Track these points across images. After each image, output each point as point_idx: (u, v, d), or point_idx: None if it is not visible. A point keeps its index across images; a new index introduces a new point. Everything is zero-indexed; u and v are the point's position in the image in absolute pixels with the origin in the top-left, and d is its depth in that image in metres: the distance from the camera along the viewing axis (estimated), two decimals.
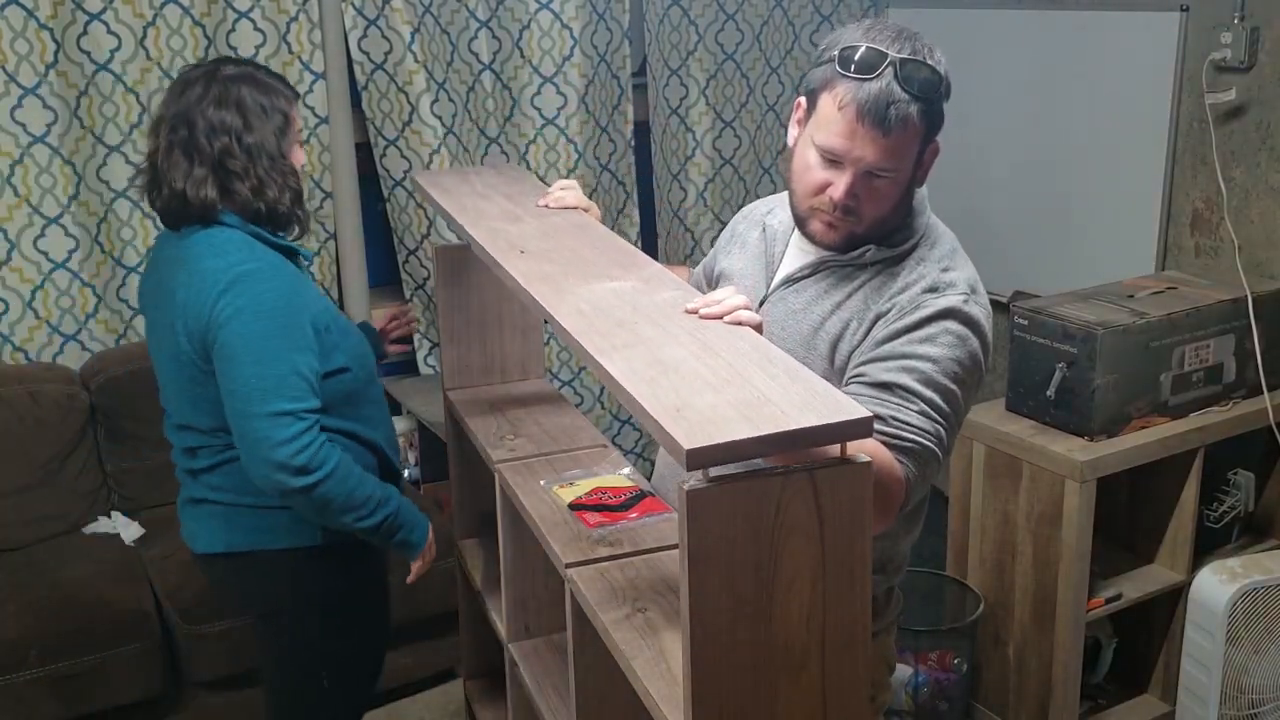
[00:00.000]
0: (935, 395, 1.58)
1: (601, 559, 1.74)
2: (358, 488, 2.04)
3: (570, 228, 1.96)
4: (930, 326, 1.62)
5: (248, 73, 2.07)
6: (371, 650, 2.35)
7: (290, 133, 2.07)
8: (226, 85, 2.02)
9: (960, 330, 1.62)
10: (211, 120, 2.00)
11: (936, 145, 1.71)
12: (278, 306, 1.97)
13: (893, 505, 1.52)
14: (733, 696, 1.30)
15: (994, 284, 3.86)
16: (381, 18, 3.40)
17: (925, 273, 1.68)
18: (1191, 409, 2.80)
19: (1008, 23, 3.73)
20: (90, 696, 2.70)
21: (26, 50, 3.04)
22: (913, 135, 1.64)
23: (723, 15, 3.99)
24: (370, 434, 2.17)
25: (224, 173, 2.01)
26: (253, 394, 1.94)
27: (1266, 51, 3.02)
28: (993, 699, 2.93)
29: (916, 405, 1.57)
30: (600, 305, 1.57)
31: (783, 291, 1.77)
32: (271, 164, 2.03)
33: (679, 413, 1.25)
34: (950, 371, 1.60)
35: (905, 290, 1.66)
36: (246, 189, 2.01)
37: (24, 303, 3.17)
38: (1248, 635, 2.53)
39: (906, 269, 1.69)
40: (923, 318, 1.62)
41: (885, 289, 1.68)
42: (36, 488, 3.03)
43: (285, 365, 1.96)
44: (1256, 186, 3.11)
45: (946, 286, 1.66)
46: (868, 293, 1.69)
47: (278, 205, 2.04)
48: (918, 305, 1.64)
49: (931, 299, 1.64)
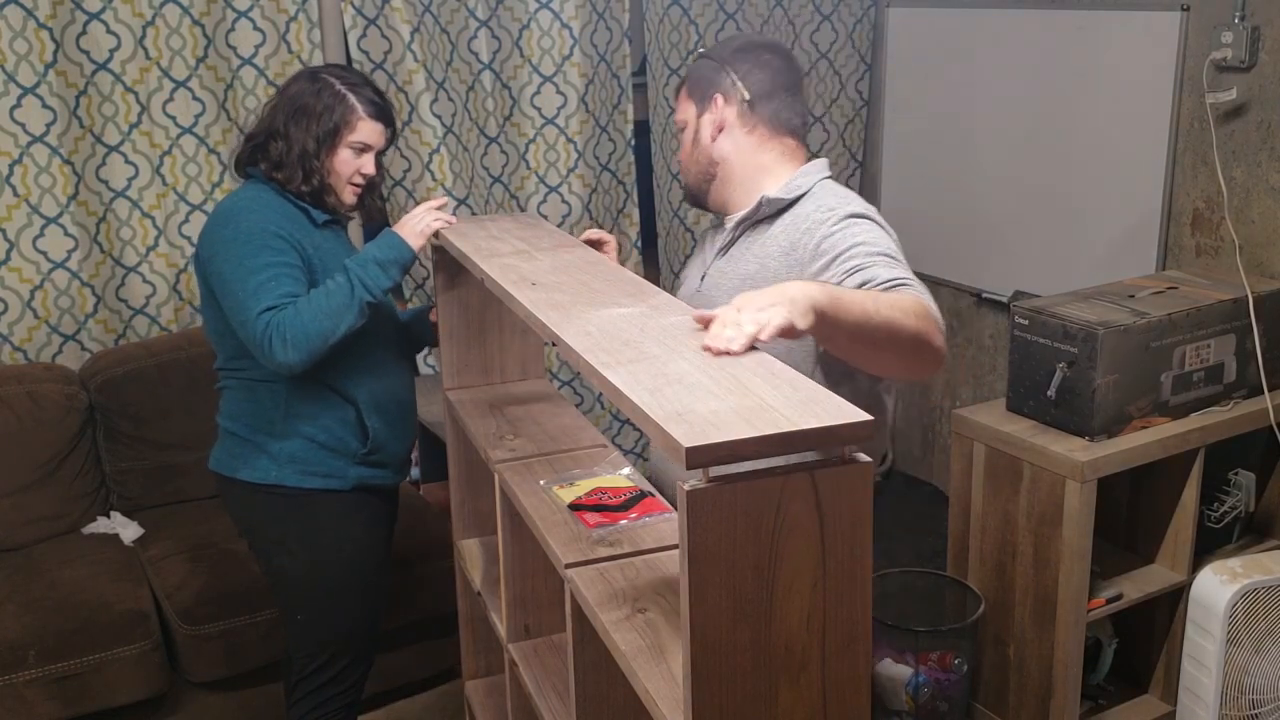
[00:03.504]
0: (885, 255, 1.80)
1: (601, 559, 1.74)
2: (315, 316, 2.19)
3: (582, 263, 1.99)
4: (846, 228, 1.85)
5: (335, 76, 2.37)
6: (341, 595, 2.42)
7: (338, 139, 2.33)
8: (312, 79, 2.36)
9: (866, 222, 1.87)
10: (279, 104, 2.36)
11: (716, 106, 2.00)
12: (254, 228, 2.24)
13: (940, 337, 1.69)
14: (733, 697, 1.30)
15: (994, 284, 3.92)
16: (381, 17, 3.40)
17: (822, 202, 1.93)
18: (1192, 409, 2.80)
19: (1008, 23, 3.73)
20: (90, 696, 2.70)
21: (26, 50, 3.04)
22: (681, 95, 2.06)
23: (723, 15, 3.99)
24: (350, 390, 2.35)
25: (262, 149, 2.35)
26: (239, 304, 2.20)
27: (1267, 51, 3.02)
28: (993, 699, 2.92)
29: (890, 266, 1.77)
30: (607, 328, 1.58)
31: (719, 263, 2.05)
32: (302, 158, 2.31)
33: (680, 416, 1.25)
34: (881, 241, 1.83)
35: (813, 214, 1.91)
36: (269, 164, 2.33)
37: (23, 303, 3.17)
38: (1248, 635, 2.53)
39: (808, 206, 1.94)
40: (836, 223, 1.86)
41: (798, 224, 1.92)
42: (36, 488, 3.03)
43: (260, 273, 2.20)
44: (1257, 186, 3.11)
45: (841, 203, 1.92)
46: (788, 231, 1.93)
47: (287, 186, 2.33)
48: (825, 219, 1.88)
49: (832, 214, 1.89)
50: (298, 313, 2.19)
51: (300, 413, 2.33)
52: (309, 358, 2.19)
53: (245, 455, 2.36)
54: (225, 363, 2.39)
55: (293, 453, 2.34)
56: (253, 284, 2.19)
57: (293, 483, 2.34)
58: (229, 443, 2.40)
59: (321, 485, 2.36)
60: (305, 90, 2.34)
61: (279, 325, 2.17)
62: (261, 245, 2.23)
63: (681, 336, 1.54)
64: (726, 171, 2.04)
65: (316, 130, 2.31)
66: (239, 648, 2.82)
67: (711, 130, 2.02)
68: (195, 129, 3.28)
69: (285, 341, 2.17)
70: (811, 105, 4.28)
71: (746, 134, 2.01)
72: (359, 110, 2.34)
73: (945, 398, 4.27)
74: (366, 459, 2.38)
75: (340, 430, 2.36)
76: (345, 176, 2.36)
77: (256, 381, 2.33)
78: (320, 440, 2.34)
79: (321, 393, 2.33)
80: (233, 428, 2.39)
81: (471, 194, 3.64)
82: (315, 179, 2.33)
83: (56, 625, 2.70)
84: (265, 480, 2.34)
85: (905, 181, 4.27)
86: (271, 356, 2.18)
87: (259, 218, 2.26)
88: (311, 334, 2.18)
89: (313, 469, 2.35)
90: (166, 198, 3.28)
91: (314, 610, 2.42)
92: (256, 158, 2.36)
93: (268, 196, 2.32)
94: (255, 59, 3.28)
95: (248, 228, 2.24)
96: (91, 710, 2.72)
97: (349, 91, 2.34)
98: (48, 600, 2.76)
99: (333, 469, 2.36)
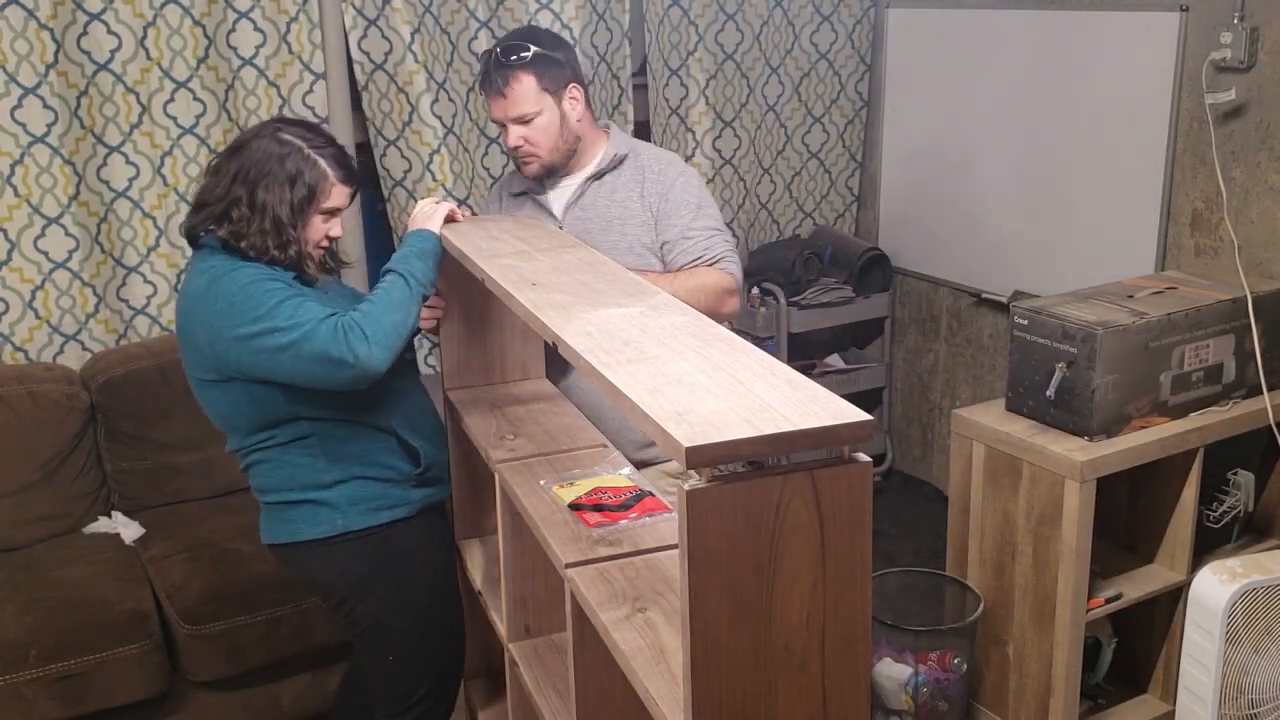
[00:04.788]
0: (713, 218, 2.50)
1: (601, 559, 1.74)
2: (385, 311, 2.09)
3: (582, 263, 1.99)
4: (680, 183, 2.49)
5: (299, 137, 2.19)
6: (432, 620, 2.36)
7: (312, 208, 2.18)
8: (277, 141, 2.17)
9: (687, 169, 2.55)
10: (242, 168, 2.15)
11: (575, 88, 2.45)
12: (245, 281, 2.09)
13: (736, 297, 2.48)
14: (733, 696, 1.30)
15: (994, 284, 3.92)
16: (381, 18, 3.40)
17: (657, 156, 2.56)
18: (1191, 409, 2.80)
19: (1008, 23, 3.73)
20: (90, 696, 2.70)
21: (26, 50, 3.04)
22: (527, 89, 2.39)
23: (723, 15, 3.99)
24: (383, 420, 2.23)
25: (224, 215, 2.15)
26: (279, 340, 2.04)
27: (1266, 51, 3.02)
28: (992, 699, 2.93)
29: (717, 231, 2.49)
30: (607, 328, 1.59)
31: (574, 214, 2.51)
32: (274, 227, 2.14)
33: (680, 416, 1.25)
34: (706, 199, 2.53)
35: (662, 175, 2.50)
36: (227, 232, 2.14)
37: (24, 303, 3.17)
38: (1248, 635, 2.53)
39: (644, 161, 2.53)
40: (671, 181, 2.49)
41: (639, 182, 2.50)
42: (36, 488, 3.03)
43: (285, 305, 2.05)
44: (1256, 186, 3.11)
45: (668, 162, 2.55)
46: (629, 188, 2.50)
47: (253, 255, 2.14)
48: (667, 175, 2.51)
49: (671, 168, 2.53)
50: (364, 313, 2.06)
51: (344, 456, 2.21)
52: (392, 354, 2.06)
53: (302, 516, 2.23)
54: (244, 440, 2.23)
55: (352, 495, 2.22)
56: (284, 314, 2.04)
57: (361, 524, 2.23)
58: (279, 512, 2.26)
59: (389, 518, 2.25)
60: (271, 153, 2.15)
61: (352, 325, 2.03)
62: (264, 291, 2.07)
63: (681, 336, 1.55)
64: (581, 144, 2.52)
65: (290, 197, 2.15)
66: (239, 648, 2.82)
67: (576, 112, 2.47)
68: (196, 129, 3.28)
69: (366, 338, 2.02)
70: (811, 106, 4.28)
71: (585, 109, 2.50)
72: (330, 176, 2.19)
73: (945, 398, 4.27)
74: (422, 479, 2.30)
75: (389, 459, 2.25)
76: (314, 243, 2.21)
77: (285, 446, 2.20)
78: (374, 475, 2.24)
79: (356, 432, 2.22)
80: (278, 498, 2.25)
81: (472, 194, 3.65)
82: (293, 248, 2.16)
83: (57, 625, 2.70)
84: (332, 531, 2.22)
85: (905, 181, 4.27)
86: (354, 358, 2.02)
87: (243, 274, 2.10)
88: (388, 328, 2.06)
89: (377, 504, 2.24)
90: (167, 198, 3.29)
91: (410, 647, 2.33)
92: (210, 226, 2.16)
93: (236, 262, 2.13)
94: (256, 59, 3.28)
95: (240, 285, 2.08)
96: (92, 710, 2.72)
97: (317, 155, 2.18)
98: (48, 600, 2.76)
99: (396, 498, 2.26)
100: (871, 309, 4.28)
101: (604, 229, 2.51)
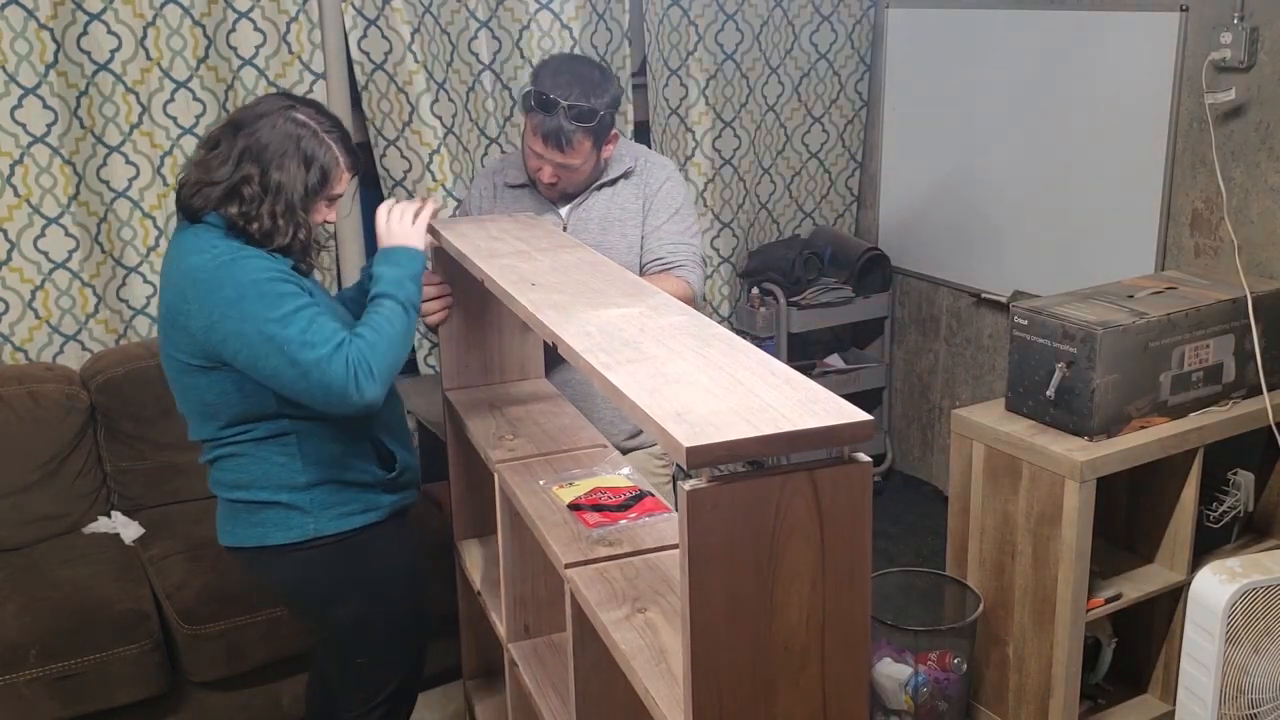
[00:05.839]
0: (686, 227, 2.62)
1: (601, 559, 1.74)
2: (390, 347, 2.06)
3: (582, 263, 2.00)
4: (666, 187, 2.62)
5: (311, 118, 2.12)
6: (402, 622, 2.35)
7: (323, 193, 2.13)
8: (292, 121, 2.09)
9: (676, 175, 2.68)
10: (251, 146, 2.06)
11: (614, 134, 2.56)
12: (259, 275, 2.01)
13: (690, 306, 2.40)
14: (733, 696, 1.30)
15: (994, 284, 3.92)
16: (381, 18, 3.40)
17: (654, 161, 2.69)
18: (1191, 409, 2.80)
19: (1008, 23, 3.73)
20: (90, 696, 2.70)
21: (26, 50, 3.04)
22: (584, 149, 2.48)
23: (723, 15, 3.99)
24: (361, 424, 2.19)
25: (233, 194, 2.06)
26: (289, 358, 1.97)
27: (1266, 51, 3.03)
28: (992, 699, 2.93)
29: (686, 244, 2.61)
30: (607, 328, 1.59)
31: (577, 214, 2.59)
32: (287, 209, 2.07)
33: (680, 416, 1.25)
34: (686, 207, 2.65)
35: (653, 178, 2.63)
36: (237, 212, 2.06)
37: (24, 303, 3.17)
38: (1247, 635, 2.53)
39: (643, 166, 2.64)
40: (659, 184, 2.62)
41: (639, 185, 2.62)
42: (36, 488, 3.03)
43: (298, 318, 1.99)
44: (1256, 186, 3.11)
45: (660, 165, 2.68)
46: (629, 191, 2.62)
47: (262, 238, 2.07)
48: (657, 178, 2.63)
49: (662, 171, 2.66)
50: (370, 345, 2.02)
51: (321, 458, 2.17)
52: (386, 390, 2.05)
53: (272, 519, 2.19)
54: (218, 431, 2.16)
55: (325, 500, 2.19)
56: (295, 331, 1.98)
57: (333, 529, 2.19)
58: (246, 514, 2.21)
59: (362, 523, 2.22)
60: (288, 133, 2.07)
61: (361, 360, 1.99)
62: (280, 294, 2.00)
63: (681, 336, 1.55)
64: None
65: (306, 178, 2.08)
66: (239, 648, 2.82)
67: (609, 153, 2.58)
68: (196, 129, 3.28)
69: (372, 375, 2.00)
70: (811, 106, 4.28)
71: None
72: (341, 162, 2.14)
73: (944, 398, 4.27)
74: (395, 483, 2.28)
75: (361, 463, 2.22)
76: (315, 229, 2.16)
77: (261, 441, 2.15)
78: (348, 479, 2.21)
79: (336, 435, 2.17)
80: (246, 495, 2.19)
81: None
82: (303, 232, 2.09)
83: (57, 625, 2.70)
84: (304, 537, 2.18)
85: (905, 182, 4.27)
86: (358, 394, 1.99)
87: (257, 265, 2.02)
88: (393, 363, 2.05)
89: (349, 509, 2.21)
90: (167, 198, 3.28)
91: (378, 651, 2.32)
92: (216, 203, 2.07)
93: (242, 247, 2.06)
94: (256, 59, 3.28)
95: (254, 278, 2.00)
96: (92, 710, 2.72)
97: (330, 139, 2.12)
98: (48, 600, 2.76)
99: (368, 502, 2.24)
100: (871, 309, 4.28)
101: (603, 229, 2.59)
